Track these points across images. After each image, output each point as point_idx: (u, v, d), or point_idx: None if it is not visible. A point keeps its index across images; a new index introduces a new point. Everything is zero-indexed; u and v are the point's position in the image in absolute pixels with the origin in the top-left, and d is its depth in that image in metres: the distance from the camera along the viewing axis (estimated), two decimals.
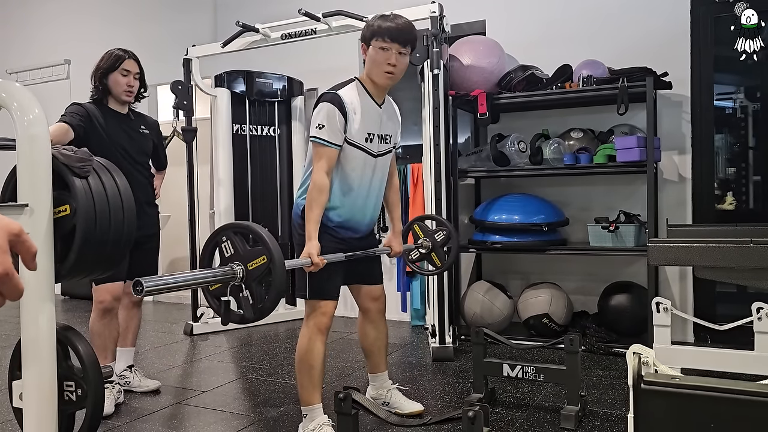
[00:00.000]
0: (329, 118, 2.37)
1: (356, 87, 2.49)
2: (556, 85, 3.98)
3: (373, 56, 2.44)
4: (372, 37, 2.43)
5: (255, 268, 1.89)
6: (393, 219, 2.81)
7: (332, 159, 2.40)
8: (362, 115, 2.45)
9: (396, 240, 2.80)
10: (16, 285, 0.73)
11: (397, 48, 2.42)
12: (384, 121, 2.57)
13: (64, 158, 1.84)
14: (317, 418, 2.47)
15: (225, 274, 1.89)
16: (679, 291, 4.05)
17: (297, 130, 5.10)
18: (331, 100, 2.40)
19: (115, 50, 3.10)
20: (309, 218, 2.35)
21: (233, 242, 1.94)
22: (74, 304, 6.07)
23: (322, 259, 2.32)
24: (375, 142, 2.53)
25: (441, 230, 3.04)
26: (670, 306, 2.63)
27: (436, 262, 3.07)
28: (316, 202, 2.35)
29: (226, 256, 1.95)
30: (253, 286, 1.91)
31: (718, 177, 4.05)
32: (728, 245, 2.30)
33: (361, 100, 2.47)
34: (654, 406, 1.18)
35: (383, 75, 2.46)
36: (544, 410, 2.83)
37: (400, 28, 2.44)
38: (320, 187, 2.36)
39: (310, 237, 2.33)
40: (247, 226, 1.97)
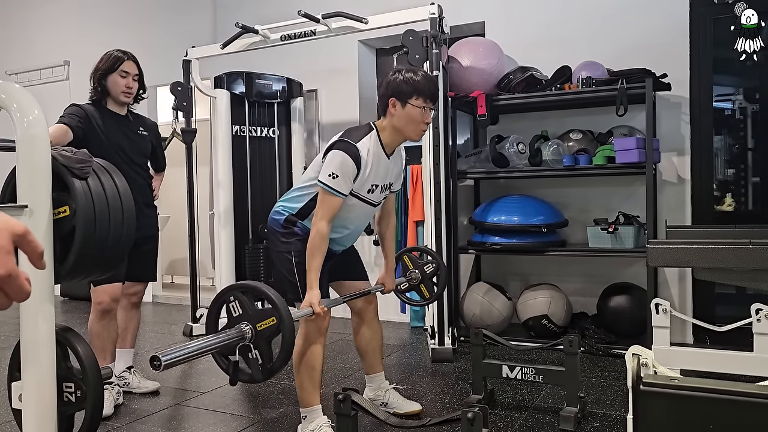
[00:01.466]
0: (343, 169, 2.35)
1: (373, 139, 2.46)
2: (556, 86, 3.98)
3: (410, 113, 2.42)
4: (412, 95, 2.40)
5: (264, 329, 1.91)
6: (387, 257, 2.82)
7: (337, 208, 2.39)
8: (372, 168, 2.44)
9: (389, 278, 2.82)
10: (21, 286, 0.73)
11: (431, 106, 2.46)
12: (389, 171, 2.57)
13: (63, 159, 1.84)
14: (316, 419, 2.47)
15: (236, 336, 1.90)
16: (678, 292, 4.05)
17: (296, 131, 5.10)
18: (348, 151, 2.37)
19: (114, 51, 3.09)
20: (310, 266, 2.34)
21: (241, 302, 1.95)
22: (73, 305, 6.06)
23: (323, 307, 2.33)
24: (377, 192, 2.54)
25: (431, 262, 3.07)
26: (669, 307, 2.63)
27: (424, 293, 3.12)
28: (319, 250, 2.35)
29: (234, 316, 1.96)
30: (262, 346, 1.93)
31: (717, 178, 4.06)
32: (727, 246, 2.30)
33: (375, 153, 2.45)
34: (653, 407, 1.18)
35: (418, 132, 2.48)
36: (543, 411, 2.83)
37: (434, 86, 2.48)
38: (323, 236, 2.35)
39: (311, 285, 2.33)
40: (255, 287, 1.98)
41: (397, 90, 2.42)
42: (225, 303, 1.98)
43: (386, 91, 2.45)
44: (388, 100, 2.44)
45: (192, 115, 4.71)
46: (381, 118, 2.51)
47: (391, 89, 2.43)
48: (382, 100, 2.48)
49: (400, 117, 2.44)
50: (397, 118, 2.44)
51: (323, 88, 5.27)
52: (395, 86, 2.43)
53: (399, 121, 2.44)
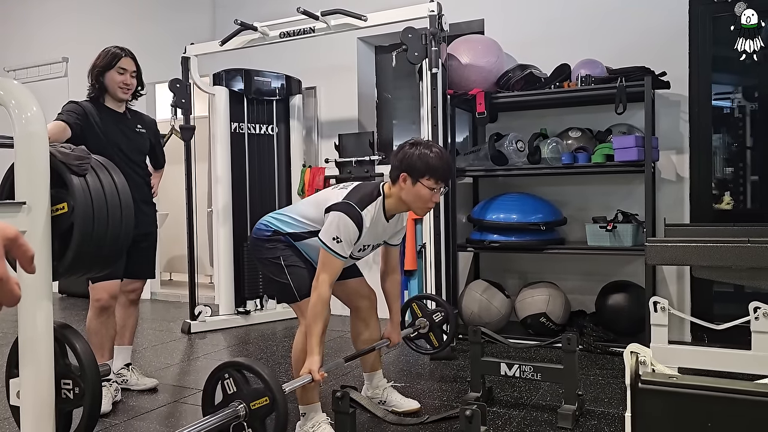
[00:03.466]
0: (347, 234, 2.33)
1: (378, 206, 2.44)
2: (555, 84, 3.98)
3: (419, 192, 2.40)
4: (424, 175, 2.38)
5: (258, 408, 1.93)
6: (392, 312, 2.80)
7: (339, 270, 2.38)
8: (369, 232, 2.43)
9: (395, 332, 2.81)
10: (11, 290, 0.72)
11: (441, 186, 2.44)
12: (384, 233, 2.57)
13: (62, 156, 1.84)
14: (315, 416, 2.48)
15: (229, 416, 1.93)
16: (677, 290, 4.05)
17: (295, 128, 5.10)
18: (354, 218, 2.34)
19: (111, 48, 3.08)
20: (311, 332, 2.31)
21: (235, 380, 1.97)
22: (72, 302, 6.06)
23: (323, 374, 2.31)
24: (368, 251, 2.56)
25: (439, 310, 3.07)
26: (667, 305, 2.63)
27: (434, 342, 3.13)
28: (320, 316, 2.31)
29: (229, 393, 1.98)
30: (255, 425, 1.94)
31: (716, 177, 4.06)
32: (726, 245, 2.31)
33: (376, 220, 2.44)
34: (651, 405, 1.18)
35: (424, 210, 2.50)
36: (541, 409, 2.83)
37: (447, 167, 2.46)
38: (324, 300, 2.33)
39: (311, 352, 2.30)
40: (249, 366, 1.99)
41: (411, 166, 2.39)
42: (220, 380, 2.01)
43: (399, 165, 2.42)
44: (399, 173, 2.42)
45: (191, 112, 4.70)
46: (391, 186, 2.48)
47: (405, 165, 2.41)
48: (394, 171, 2.45)
49: (409, 192, 2.42)
50: (406, 192, 2.42)
51: (322, 85, 5.27)
52: (409, 162, 2.40)
53: (407, 196, 2.43)
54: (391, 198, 2.47)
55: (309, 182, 4.97)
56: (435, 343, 3.13)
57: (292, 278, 2.45)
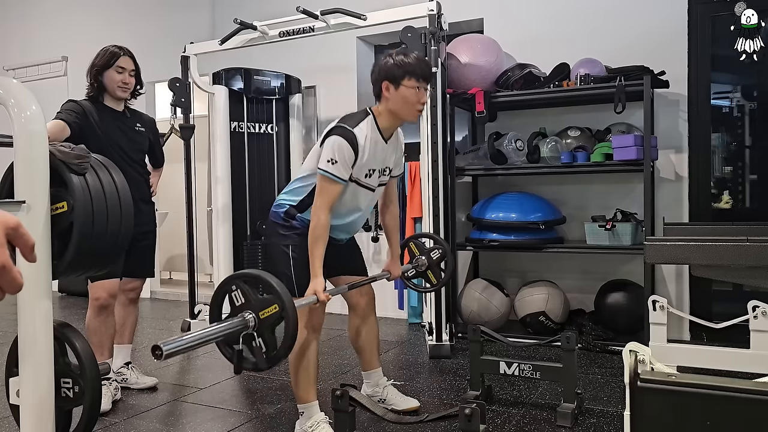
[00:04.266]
0: (341, 154, 2.35)
1: (370, 124, 2.47)
2: (554, 83, 3.98)
3: (404, 95, 2.42)
4: (404, 77, 2.41)
5: (267, 316, 1.91)
6: (391, 244, 2.83)
7: (337, 195, 2.39)
8: (369, 153, 2.44)
9: (395, 264, 2.83)
10: (14, 278, 0.74)
11: (425, 86, 2.46)
12: (387, 156, 2.57)
13: (61, 155, 1.84)
14: (314, 415, 2.48)
15: (238, 325, 1.90)
16: (676, 289, 4.06)
17: (295, 127, 5.09)
18: (346, 137, 2.37)
19: (110, 47, 3.08)
20: (313, 254, 2.34)
21: (243, 291, 1.95)
22: (71, 301, 6.06)
23: (327, 295, 2.32)
24: (375, 176, 2.54)
25: (437, 248, 3.06)
26: (666, 304, 2.64)
27: (432, 279, 3.11)
28: (321, 238, 2.34)
29: (237, 305, 1.96)
30: (265, 334, 1.92)
31: (715, 176, 4.06)
32: (724, 244, 2.31)
33: (372, 138, 2.46)
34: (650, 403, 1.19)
35: (414, 114, 2.49)
36: (540, 408, 2.83)
37: (426, 66, 2.48)
38: (324, 224, 2.35)
39: (315, 274, 2.32)
40: (257, 275, 1.97)
41: (390, 73, 2.43)
42: (227, 293, 1.97)
43: (379, 76, 2.46)
44: (381, 84, 2.45)
45: (190, 111, 4.69)
46: (376, 104, 2.51)
47: (384, 73, 2.45)
48: (375, 86, 2.49)
49: (394, 100, 2.45)
50: (392, 101, 2.45)
51: (322, 84, 5.27)
52: (387, 70, 2.44)
53: (394, 104, 2.45)
54: (381, 115, 2.49)
55: None
56: (433, 281, 3.07)
57: (295, 272, 2.44)
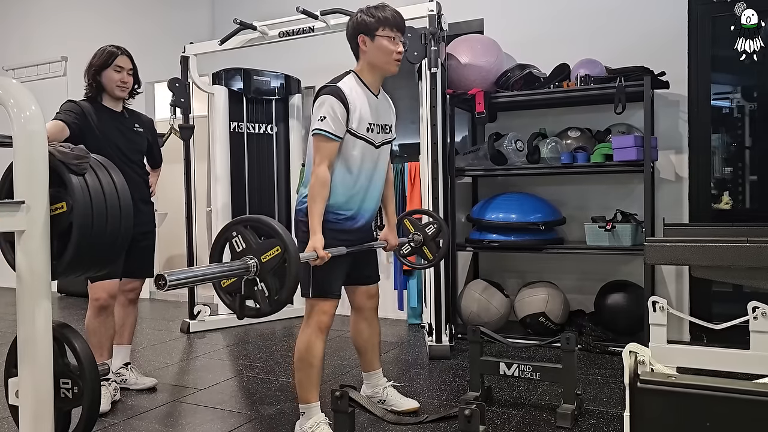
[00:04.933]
0: (332, 109, 2.39)
1: (354, 79, 2.52)
2: (554, 84, 3.98)
3: (381, 46, 2.46)
4: (378, 28, 2.45)
5: (269, 260, 1.88)
6: (388, 213, 2.83)
7: (334, 152, 2.41)
8: (362, 106, 2.47)
9: (392, 234, 2.83)
10: None
11: (400, 36, 2.49)
12: (382, 112, 2.59)
13: (60, 155, 1.83)
14: (314, 416, 2.48)
15: (240, 267, 1.88)
16: (676, 290, 4.06)
17: (294, 128, 5.10)
18: (332, 92, 2.42)
19: (107, 47, 3.09)
20: (312, 212, 2.35)
21: (244, 236, 1.92)
22: (70, 301, 6.06)
23: (327, 252, 2.32)
24: (375, 132, 2.55)
25: (432, 224, 3.05)
26: (666, 305, 2.63)
27: (427, 255, 3.09)
28: (320, 195, 2.36)
29: (238, 251, 1.93)
30: (268, 278, 1.89)
31: (715, 176, 4.06)
32: (724, 245, 2.31)
33: (360, 92, 2.49)
34: (650, 404, 1.19)
35: (393, 63, 2.51)
36: (540, 409, 2.83)
37: (399, 17, 2.51)
38: (323, 181, 2.36)
39: (314, 231, 2.33)
40: (258, 219, 1.96)
41: (363, 26, 2.47)
42: (228, 240, 1.96)
43: (354, 31, 2.50)
44: (357, 39, 2.49)
45: (190, 111, 4.69)
46: (357, 63, 2.55)
47: (358, 27, 2.49)
48: (351, 42, 2.53)
49: (372, 52, 2.48)
50: (370, 53, 2.49)
51: (321, 84, 5.25)
52: (360, 23, 2.48)
53: (372, 56, 2.49)
54: (363, 71, 2.54)
55: None
56: (429, 256, 3.07)
57: (314, 271, 2.42)
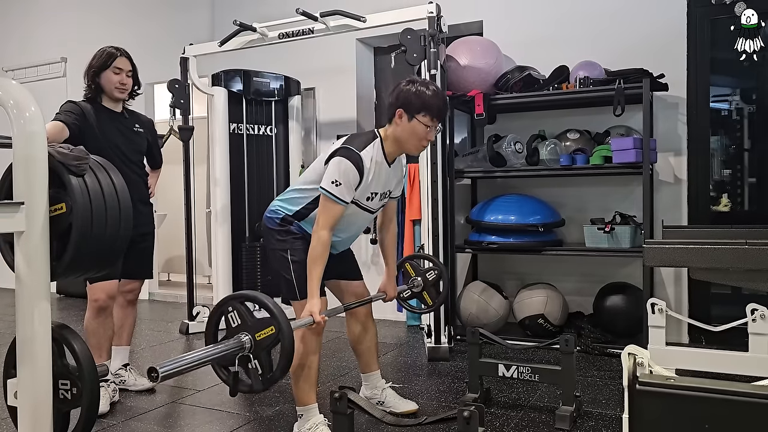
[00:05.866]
0: (346, 177, 2.34)
1: (377, 147, 2.45)
2: (553, 86, 3.98)
3: (414, 128, 2.42)
4: (420, 111, 2.40)
5: (263, 338, 1.91)
6: (388, 264, 2.82)
7: (339, 216, 2.38)
8: (373, 176, 2.44)
9: (390, 285, 2.83)
10: None
11: (437, 125, 2.45)
12: (390, 179, 2.57)
13: (60, 156, 1.83)
14: (313, 417, 2.48)
15: (234, 346, 1.90)
16: (674, 292, 4.06)
17: (294, 129, 5.10)
18: (352, 159, 2.35)
19: (107, 48, 3.09)
20: (311, 275, 2.33)
21: (240, 312, 1.95)
22: (69, 302, 6.05)
23: (324, 317, 2.32)
24: (376, 200, 2.54)
25: (433, 269, 3.07)
26: (665, 307, 2.64)
27: (427, 300, 3.13)
28: (320, 259, 2.33)
29: (233, 326, 1.96)
30: (261, 356, 1.92)
31: (714, 179, 4.07)
32: (723, 247, 2.31)
33: (377, 162, 2.45)
34: (649, 406, 1.19)
35: (419, 147, 2.50)
36: (539, 410, 2.83)
37: (444, 105, 2.46)
38: (324, 244, 2.34)
39: (312, 294, 2.32)
40: (254, 296, 1.97)
41: (407, 102, 2.41)
42: (224, 313, 1.98)
43: (396, 101, 2.44)
44: (396, 109, 2.43)
45: (189, 112, 4.70)
46: (386, 126, 2.50)
47: (401, 100, 2.42)
48: (390, 109, 2.46)
49: (404, 129, 2.43)
50: (401, 129, 2.44)
51: (321, 86, 5.27)
52: (405, 98, 2.41)
53: (402, 133, 2.44)
54: (387, 139, 2.48)
55: None
56: (428, 302, 3.10)
57: (296, 276, 2.44)
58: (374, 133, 2.49)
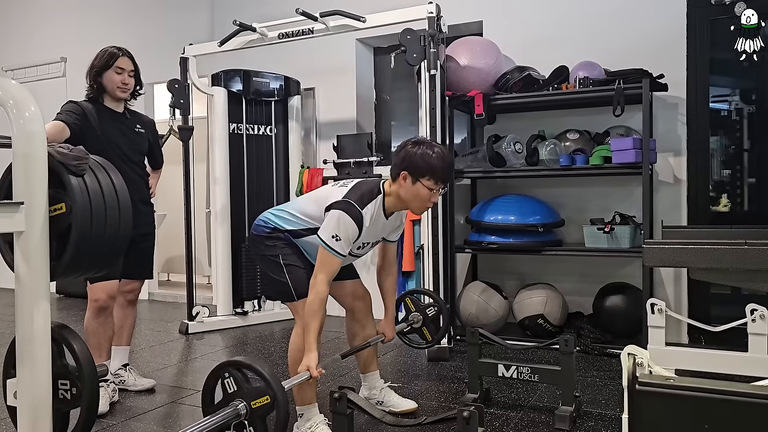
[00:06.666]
0: (347, 233, 2.34)
1: (377, 204, 2.46)
2: (553, 86, 3.98)
3: (418, 191, 2.42)
4: (425, 175, 2.40)
5: (258, 407, 1.94)
6: (387, 306, 2.81)
7: (337, 268, 2.38)
8: (369, 229, 2.44)
9: (389, 327, 2.82)
10: None
11: (441, 187, 2.46)
12: (384, 229, 2.58)
13: (60, 156, 1.83)
14: (313, 417, 2.48)
15: (231, 416, 1.94)
16: (674, 292, 4.06)
17: (294, 129, 5.10)
18: (353, 216, 2.35)
19: (108, 48, 3.09)
20: (309, 328, 2.32)
21: (236, 378, 1.98)
22: (69, 302, 6.05)
23: (320, 370, 2.31)
24: (367, 248, 2.56)
25: (433, 305, 3.07)
26: (664, 307, 2.64)
27: (426, 336, 3.14)
28: (318, 314, 2.33)
29: (229, 392, 1.99)
30: (256, 424, 1.95)
31: (713, 179, 4.07)
32: (723, 247, 2.31)
33: (375, 218, 2.45)
34: (648, 406, 1.19)
35: (422, 209, 2.51)
36: (538, 411, 2.83)
37: (448, 168, 2.47)
38: (322, 298, 2.34)
39: (309, 348, 2.31)
40: (250, 364, 2.00)
41: (412, 165, 2.41)
42: (220, 378, 2.02)
43: (401, 163, 2.43)
44: (400, 171, 2.43)
45: (189, 112, 4.69)
46: (391, 184, 2.49)
47: (406, 163, 2.42)
48: (394, 169, 2.47)
49: (408, 191, 2.43)
50: (405, 190, 2.44)
51: (321, 86, 5.27)
52: (411, 160, 2.41)
53: (406, 194, 2.44)
54: (390, 196, 2.49)
55: (307, 183, 4.97)
56: (428, 338, 3.13)
57: (291, 277, 2.46)
58: (379, 188, 2.48)
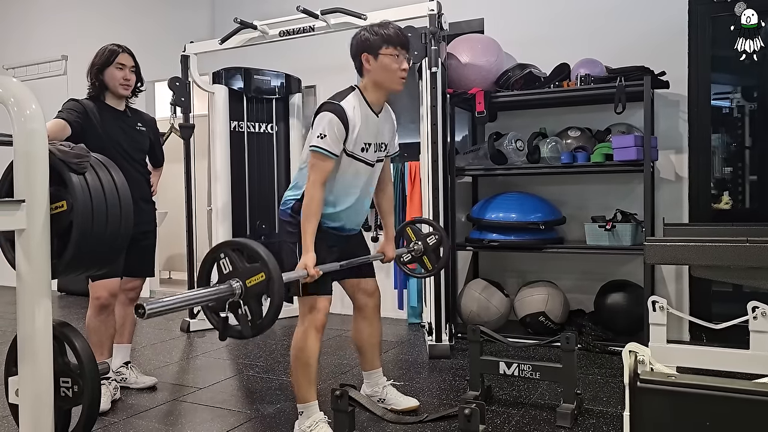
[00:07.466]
0: (331, 128, 2.39)
1: (357, 97, 2.50)
2: (554, 83, 3.98)
3: (386, 64, 2.46)
4: (382, 46, 2.45)
5: (253, 285, 1.91)
6: (386, 226, 2.84)
7: (329, 170, 2.41)
8: (361, 126, 2.46)
9: (389, 246, 2.84)
10: None
11: (404, 54, 2.48)
12: (380, 130, 2.59)
13: (61, 154, 1.83)
14: (313, 415, 2.48)
15: (224, 291, 1.91)
16: (675, 290, 4.06)
17: (295, 127, 5.10)
18: (334, 110, 2.41)
19: (109, 45, 3.09)
20: (305, 230, 2.36)
21: (231, 259, 1.96)
22: (71, 300, 6.06)
23: (318, 270, 2.33)
24: (371, 151, 2.55)
25: (433, 234, 3.06)
26: (666, 305, 2.64)
27: (427, 265, 3.12)
28: (314, 214, 2.37)
29: (224, 272, 1.97)
30: (251, 302, 1.93)
31: (715, 176, 4.06)
32: (724, 244, 2.31)
33: (362, 111, 2.48)
34: (650, 404, 1.19)
35: (397, 81, 2.51)
36: (540, 408, 2.83)
37: (403, 34, 2.50)
38: (317, 200, 2.37)
39: (306, 249, 2.34)
40: (245, 243, 1.99)
41: (366, 44, 2.48)
42: (216, 260, 1.99)
43: (357, 50, 2.51)
44: (360, 57, 2.49)
45: (190, 110, 4.69)
46: (360, 79, 2.54)
47: (361, 46, 2.49)
48: (355, 60, 2.53)
49: (376, 70, 2.48)
50: (374, 71, 2.49)
51: (322, 84, 5.26)
52: (364, 42, 2.49)
53: (377, 75, 2.49)
54: (367, 89, 2.53)
55: None
56: (428, 266, 3.09)
57: None
58: (352, 86, 2.54)
